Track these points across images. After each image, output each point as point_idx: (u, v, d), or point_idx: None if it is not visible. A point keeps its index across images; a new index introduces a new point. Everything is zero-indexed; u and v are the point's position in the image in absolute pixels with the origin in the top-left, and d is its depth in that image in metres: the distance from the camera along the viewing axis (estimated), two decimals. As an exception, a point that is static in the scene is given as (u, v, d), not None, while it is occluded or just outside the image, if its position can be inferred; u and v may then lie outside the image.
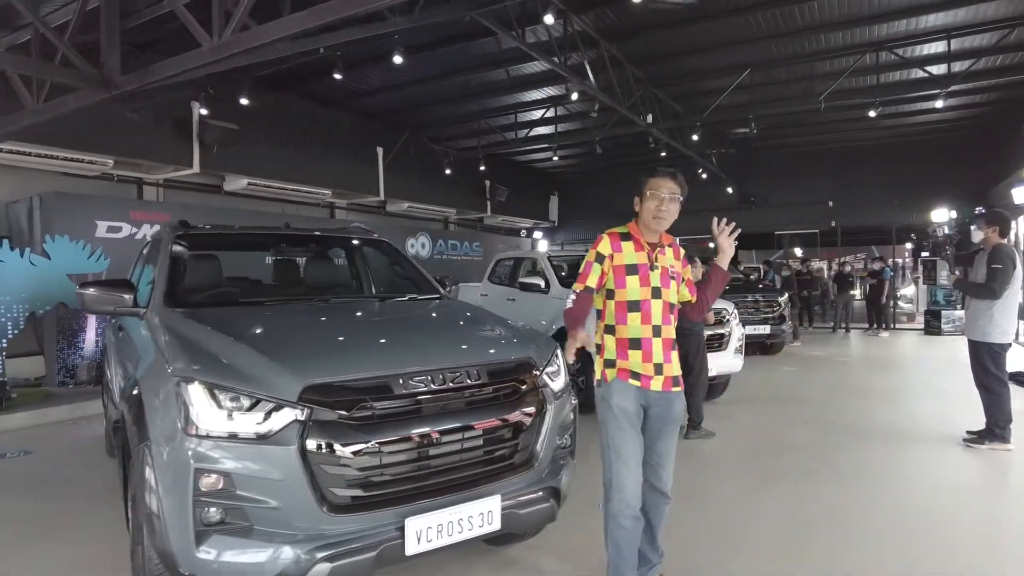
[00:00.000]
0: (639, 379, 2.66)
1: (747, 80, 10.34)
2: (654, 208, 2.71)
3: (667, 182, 2.74)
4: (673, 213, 2.73)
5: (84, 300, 3.26)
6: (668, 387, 2.70)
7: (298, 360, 2.43)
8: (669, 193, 2.72)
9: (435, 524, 2.39)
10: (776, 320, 10.82)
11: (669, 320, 2.72)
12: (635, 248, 2.73)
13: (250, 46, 2.93)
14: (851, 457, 5.18)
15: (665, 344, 2.69)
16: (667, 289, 2.72)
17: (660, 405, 2.70)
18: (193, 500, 2.19)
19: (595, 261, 2.73)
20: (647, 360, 2.66)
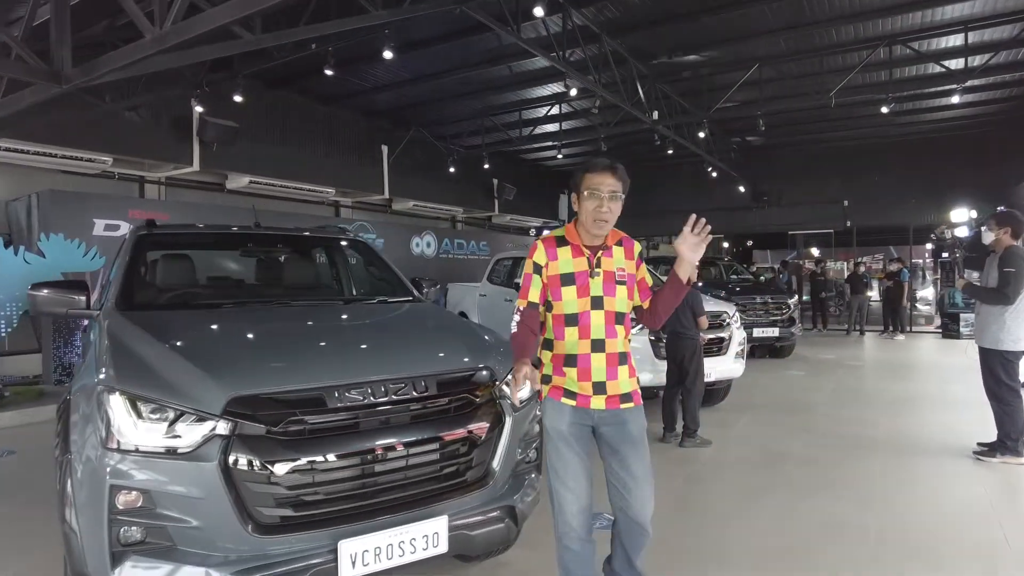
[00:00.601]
0: (574, 398, 2.43)
1: (756, 76, 10.04)
2: (593, 210, 2.37)
3: (606, 178, 2.38)
4: (616, 212, 2.40)
5: (36, 302, 3.15)
6: (615, 405, 2.43)
7: (226, 370, 2.28)
8: (610, 192, 2.36)
9: (372, 547, 2.23)
10: (785, 322, 10.53)
11: (615, 333, 2.43)
12: (573, 254, 2.44)
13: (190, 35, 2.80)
14: (853, 469, 4.94)
15: (609, 360, 2.41)
16: (611, 297, 2.42)
17: (610, 424, 2.44)
18: (109, 519, 2.05)
19: (533, 272, 2.47)
20: (584, 379, 2.41)
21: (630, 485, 2.43)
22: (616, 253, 2.48)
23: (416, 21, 7.84)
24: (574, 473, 2.42)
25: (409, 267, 13.63)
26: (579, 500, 2.43)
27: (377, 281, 4.25)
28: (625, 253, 2.50)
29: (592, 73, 8.93)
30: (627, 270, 2.47)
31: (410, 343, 2.90)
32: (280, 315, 3.17)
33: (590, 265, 2.42)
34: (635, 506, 2.44)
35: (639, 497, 2.44)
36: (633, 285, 2.49)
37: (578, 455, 2.43)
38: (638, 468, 2.44)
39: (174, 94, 8.56)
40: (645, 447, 2.49)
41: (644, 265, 2.58)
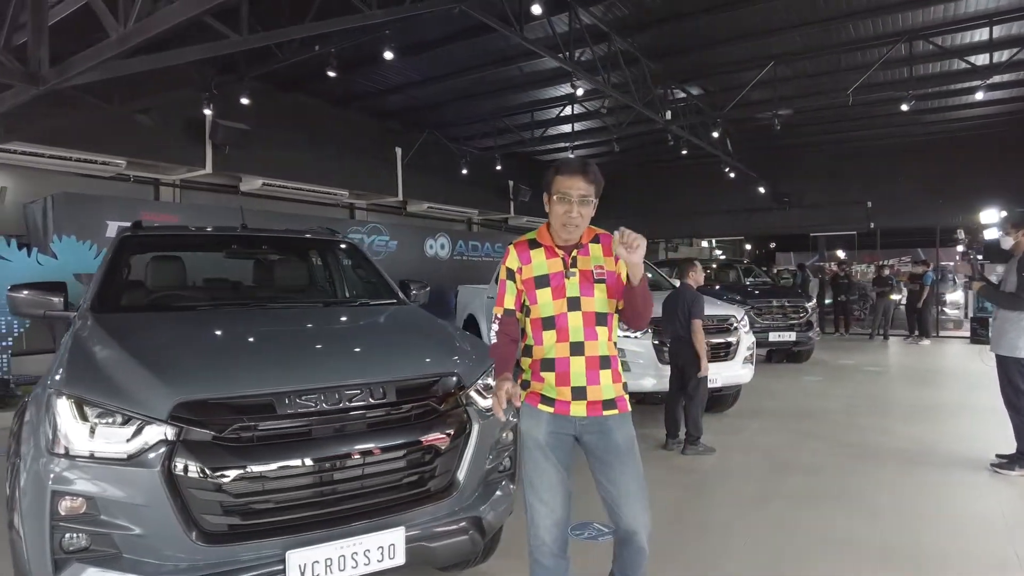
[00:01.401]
0: (552, 404, 2.31)
1: (771, 74, 9.81)
2: (563, 214, 2.25)
3: (577, 181, 2.24)
4: (587, 217, 2.28)
5: (14, 303, 3.14)
6: (597, 412, 2.30)
7: (176, 374, 2.23)
8: (580, 196, 2.23)
9: (323, 558, 2.15)
10: (803, 326, 10.27)
11: (595, 335, 2.30)
12: (547, 255, 2.34)
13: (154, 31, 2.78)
14: (861, 479, 4.74)
15: (589, 363, 2.28)
16: (589, 298, 2.30)
17: (593, 432, 2.31)
18: (51, 525, 2.01)
19: (507, 279, 2.38)
20: (562, 383, 2.29)
21: (619, 500, 2.31)
22: (593, 250, 2.35)
23: (424, 21, 7.81)
24: (549, 485, 2.31)
25: (423, 269, 13.61)
26: (553, 514, 2.31)
27: (363, 283, 4.19)
28: (603, 250, 2.35)
29: (601, 73, 8.80)
30: (606, 267, 2.33)
31: (373, 348, 2.83)
32: (250, 318, 3.11)
33: (565, 265, 2.31)
34: (626, 520, 2.31)
35: (630, 512, 2.30)
36: (614, 283, 2.33)
37: (554, 466, 2.31)
38: (627, 481, 2.30)
39: (185, 96, 8.63)
40: (634, 457, 2.33)
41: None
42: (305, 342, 2.75)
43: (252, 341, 2.70)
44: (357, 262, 4.26)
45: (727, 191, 16.66)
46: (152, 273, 3.84)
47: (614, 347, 2.38)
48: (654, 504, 2.48)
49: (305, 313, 3.34)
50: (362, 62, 9.24)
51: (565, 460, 2.35)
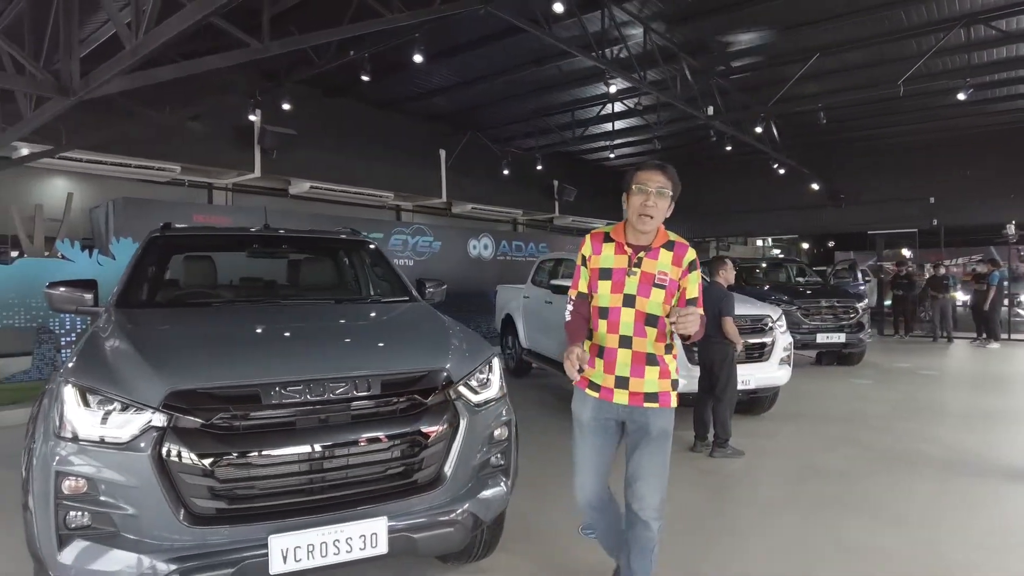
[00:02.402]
0: (597, 390, 2.52)
1: (816, 66, 9.47)
2: (639, 204, 2.42)
3: (656, 175, 2.44)
4: (662, 210, 2.45)
5: (51, 299, 3.37)
6: (638, 403, 2.48)
7: (170, 365, 2.36)
8: (657, 188, 2.42)
9: (305, 543, 2.24)
10: (853, 327, 9.86)
11: (644, 332, 2.45)
12: (615, 251, 2.51)
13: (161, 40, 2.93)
14: (893, 487, 4.54)
15: (636, 358, 2.46)
16: (644, 298, 2.44)
17: (634, 420, 2.52)
18: (56, 503, 2.16)
19: (581, 264, 2.60)
20: (609, 371, 2.49)
21: (636, 476, 2.50)
22: (662, 256, 2.48)
23: (461, 23, 7.90)
24: (581, 465, 2.59)
25: (466, 269, 13.78)
26: (583, 491, 2.60)
27: (380, 282, 4.29)
28: (673, 259, 2.48)
29: (636, 70, 8.70)
30: (670, 275, 2.46)
31: (364, 343, 2.90)
32: (257, 314, 3.25)
33: (629, 263, 2.47)
34: (638, 496, 2.48)
35: (642, 489, 2.48)
36: (675, 291, 2.47)
37: (592, 447, 2.56)
38: (648, 462, 2.49)
39: (234, 104, 9.02)
40: (661, 446, 2.51)
41: (695, 275, 2.50)
42: (300, 337, 2.85)
43: (249, 335, 2.82)
44: (375, 261, 4.37)
45: (778, 188, 16.17)
46: (182, 271, 4.07)
47: (664, 348, 2.51)
48: (672, 503, 2.62)
49: (313, 310, 3.46)
50: (404, 66, 9.41)
51: (602, 445, 2.57)
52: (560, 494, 4.48)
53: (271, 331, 2.88)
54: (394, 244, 12.50)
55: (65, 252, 7.88)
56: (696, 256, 2.55)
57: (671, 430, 2.54)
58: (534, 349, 8.66)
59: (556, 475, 4.93)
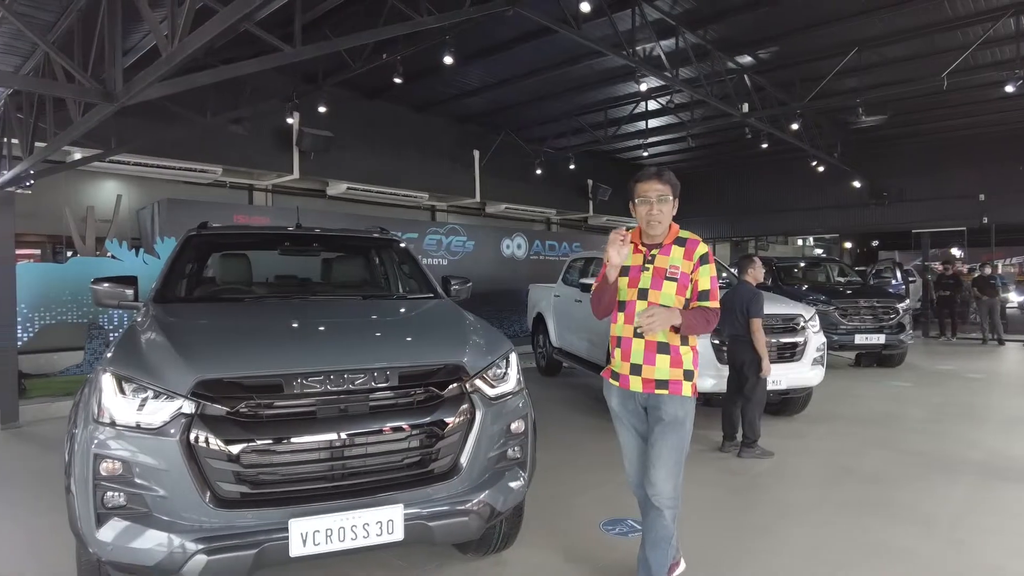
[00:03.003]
0: (618, 379, 2.77)
1: (855, 61, 9.24)
2: (645, 213, 2.68)
3: (653, 184, 2.68)
4: (667, 213, 2.69)
5: (96, 295, 3.55)
6: (650, 389, 2.68)
7: (199, 355, 2.48)
8: (658, 195, 2.66)
9: (323, 528, 2.33)
10: (893, 328, 9.60)
11: None
12: (633, 251, 2.74)
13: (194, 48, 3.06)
14: (925, 491, 4.44)
15: (648, 346, 2.67)
16: (657, 291, 2.67)
17: (651, 405, 2.74)
18: (94, 484, 2.30)
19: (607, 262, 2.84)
20: (624, 359, 2.72)
21: (650, 462, 2.69)
22: (674, 252, 2.70)
23: (492, 24, 7.97)
24: (627, 446, 2.87)
25: (499, 268, 13.86)
26: (631, 464, 2.87)
27: (407, 279, 4.40)
28: (685, 253, 2.70)
29: (668, 68, 8.64)
30: (681, 268, 2.68)
31: (384, 337, 3.00)
32: (285, 309, 3.38)
33: (644, 259, 2.72)
34: (651, 482, 2.66)
35: (654, 475, 2.66)
36: (687, 284, 2.68)
37: (628, 430, 2.83)
38: (660, 448, 2.66)
39: (273, 107, 9.29)
40: (674, 433, 2.66)
41: (706, 268, 2.70)
42: (323, 330, 2.96)
43: (275, 328, 2.94)
44: (402, 259, 4.48)
45: (819, 187, 15.81)
46: (218, 268, 4.24)
47: (679, 339, 2.69)
48: (694, 503, 2.78)
49: (339, 305, 3.58)
50: (439, 68, 9.52)
51: (638, 425, 2.81)
52: (583, 490, 4.52)
53: (296, 325, 2.99)
54: (428, 244, 12.65)
55: (114, 251, 8.25)
56: (708, 250, 2.74)
57: (684, 419, 2.68)
58: (564, 348, 8.69)
59: (579, 471, 4.97)
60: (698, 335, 2.76)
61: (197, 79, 4.00)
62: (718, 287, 2.76)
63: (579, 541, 3.67)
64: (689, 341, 2.73)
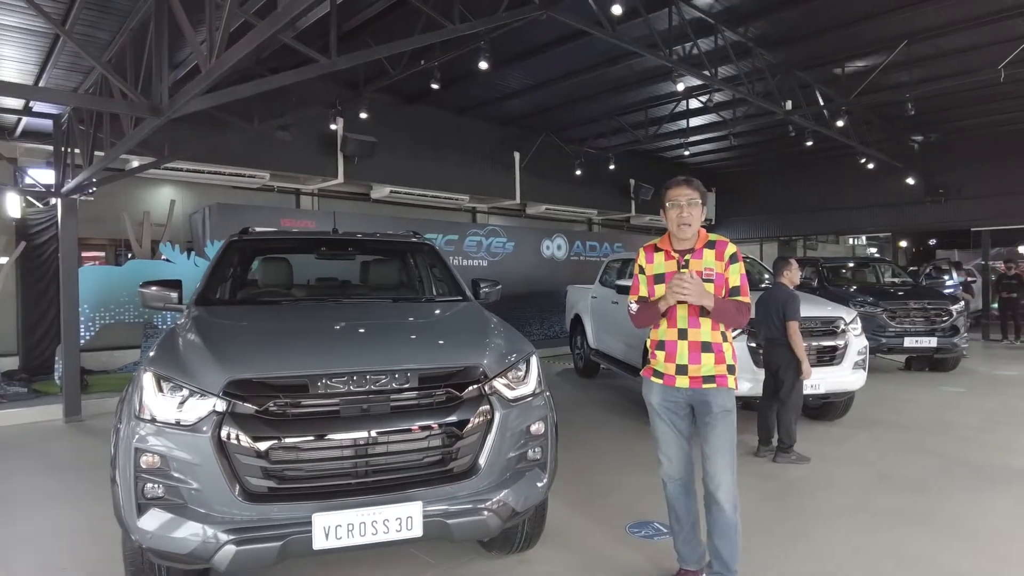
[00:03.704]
0: (661, 377, 2.90)
1: (904, 54, 8.92)
2: (676, 217, 2.81)
3: (683, 190, 2.82)
4: (696, 217, 2.81)
5: (143, 297, 3.76)
6: (697, 385, 2.82)
7: (231, 356, 2.62)
8: (688, 200, 2.80)
9: (345, 523, 2.44)
10: (946, 331, 9.23)
11: (698, 323, 2.82)
12: (665, 258, 2.90)
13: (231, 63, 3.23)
14: (970, 502, 4.29)
15: (692, 347, 2.81)
16: None
17: (696, 401, 2.86)
18: (135, 476, 2.46)
19: (639, 273, 3.00)
20: (669, 360, 2.86)
21: (706, 454, 2.82)
22: (706, 255, 2.84)
23: (531, 27, 8.02)
24: (666, 441, 2.96)
25: (539, 270, 13.93)
26: (673, 466, 2.96)
27: (438, 282, 4.50)
28: (716, 255, 2.84)
29: (707, 67, 8.53)
30: (715, 270, 2.82)
31: (406, 339, 3.09)
32: (318, 312, 3.52)
33: (678, 265, 2.84)
34: (710, 474, 2.80)
35: (711, 466, 2.80)
36: (722, 284, 2.82)
37: (669, 427, 2.93)
38: (714, 439, 2.80)
39: (317, 113, 9.56)
40: (724, 423, 2.81)
41: (736, 266, 2.84)
42: (349, 333, 3.08)
43: (304, 330, 3.08)
44: (433, 262, 4.58)
45: (871, 184, 15.30)
46: (260, 271, 4.44)
47: (720, 335, 2.84)
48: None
49: (369, 308, 3.70)
50: (478, 72, 9.59)
51: (680, 423, 2.93)
52: (611, 492, 4.54)
53: (325, 327, 3.12)
54: (468, 245, 12.81)
55: (167, 254, 8.66)
56: (736, 250, 2.88)
57: (733, 410, 2.84)
58: (601, 349, 8.68)
59: (609, 473, 4.98)
60: (728, 327, 2.86)
61: (238, 91, 4.19)
62: (747, 284, 2.87)
63: (605, 543, 3.70)
64: (728, 339, 2.87)
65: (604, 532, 3.84)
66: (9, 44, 6.06)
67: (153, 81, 3.89)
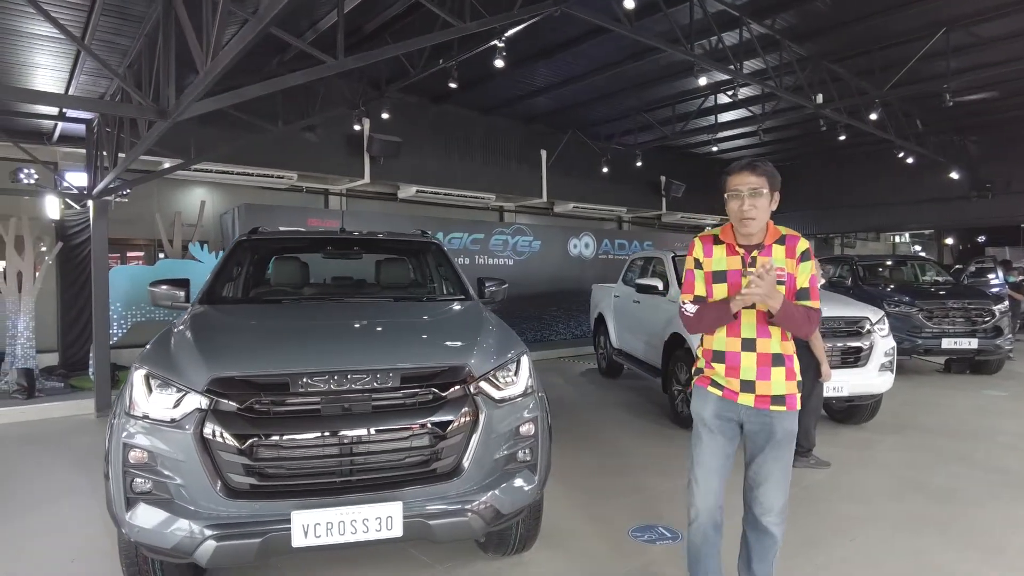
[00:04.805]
0: (721, 389, 2.50)
1: (942, 43, 8.55)
2: (737, 209, 2.41)
3: (745, 177, 2.40)
4: (763, 208, 2.40)
5: (153, 296, 3.85)
6: (764, 405, 2.43)
7: (216, 354, 2.65)
8: (750, 189, 2.38)
9: (324, 521, 2.43)
10: (988, 332, 8.82)
11: (767, 333, 2.42)
12: (727, 252, 2.48)
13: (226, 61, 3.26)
14: (1002, 512, 4.07)
15: (761, 360, 2.41)
16: None
17: (754, 422, 2.47)
18: (124, 471, 2.50)
19: (694, 268, 2.57)
20: (732, 375, 2.46)
21: (760, 481, 2.48)
22: (776, 252, 2.43)
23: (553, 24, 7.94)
24: (709, 464, 2.52)
25: (567, 268, 13.83)
26: (711, 497, 2.53)
27: (443, 281, 4.49)
28: (786, 252, 2.44)
29: (731, 61, 8.33)
30: (787, 269, 2.42)
31: (395, 339, 3.07)
32: (312, 311, 3.54)
33: (744, 264, 2.44)
34: (760, 502, 2.48)
35: (765, 494, 2.47)
36: (790, 285, 2.42)
37: (718, 446, 2.51)
38: (772, 467, 2.46)
39: (343, 114, 9.67)
40: (786, 450, 2.48)
41: (807, 265, 2.43)
42: (335, 332, 3.08)
43: (292, 329, 3.09)
44: (439, 261, 4.57)
45: (912, 179, 14.75)
46: (272, 271, 4.50)
47: (790, 346, 2.46)
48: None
49: (365, 308, 3.70)
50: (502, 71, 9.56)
51: (729, 446, 2.53)
52: (618, 495, 4.46)
53: (314, 326, 3.13)
54: (494, 244, 12.79)
55: (195, 253, 8.88)
56: (809, 247, 2.47)
57: (796, 432, 2.51)
58: (624, 349, 8.57)
59: (620, 475, 4.90)
60: (793, 333, 2.43)
61: (243, 93, 4.25)
62: (817, 286, 2.47)
63: (606, 546, 3.63)
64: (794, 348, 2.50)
65: (606, 535, 3.77)
66: (41, 52, 6.30)
67: (161, 84, 3.99)
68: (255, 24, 2.95)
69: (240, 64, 3.67)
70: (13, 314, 7.94)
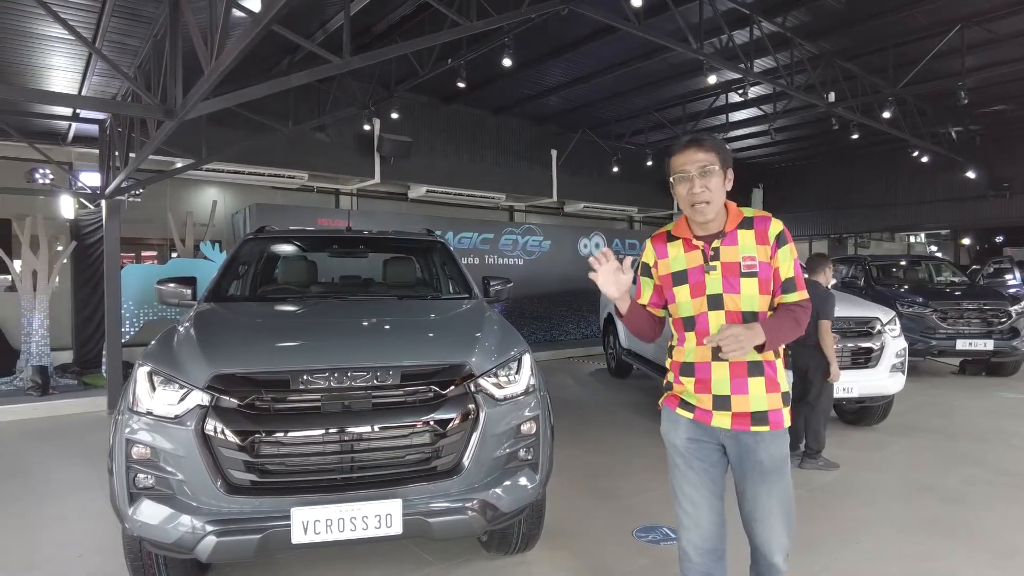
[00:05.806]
0: (692, 410, 2.12)
1: (956, 40, 8.44)
2: (686, 193, 2.03)
3: (692, 154, 2.03)
4: (716, 190, 2.02)
5: (159, 294, 3.88)
6: (744, 426, 2.04)
7: (217, 351, 2.67)
8: (699, 168, 2.00)
9: (324, 518, 2.44)
10: (1005, 333, 8.69)
11: None
12: (684, 248, 2.11)
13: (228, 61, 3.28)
14: (1013, 516, 4.00)
15: (735, 370, 2.02)
16: (734, 295, 2.03)
17: (735, 447, 2.10)
18: (127, 466, 2.53)
19: (642, 275, 2.23)
20: (702, 391, 2.07)
21: (755, 516, 2.10)
22: (742, 239, 2.05)
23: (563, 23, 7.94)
24: (690, 498, 2.15)
25: (576, 268, 13.79)
26: (697, 528, 2.15)
27: (448, 279, 4.50)
28: (757, 237, 2.05)
29: (742, 60, 8.27)
30: (759, 257, 2.03)
31: (396, 337, 3.07)
32: (315, 309, 3.55)
33: (705, 258, 2.06)
34: (759, 540, 2.12)
35: (763, 533, 2.10)
36: (770, 276, 2.05)
37: (697, 476, 2.14)
38: (765, 501, 2.07)
39: (353, 114, 9.71)
40: (781, 478, 2.08)
41: (787, 250, 2.07)
42: (336, 329, 3.09)
43: (293, 327, 3.11)
44: (444, 260, 4.58)
45: (929, 178, 14.57)
46: (280, 269, 4.53)
47: (771, 351, 2.04)
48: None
49: (368, 306, 3.71)
50: (513, 70, 9.57)
51: (711, 472, 2.15)
52: (623, 495, 4.44)
53: (315, 324, 3.15)
54: (504, 244, 12.79)
55: (206, 252, 8.96)
56: (783, 227, 2.08)
57: (788, 454, 2.11)
58: (633, 349, 8.53)
59: (624, 476, 4.88)
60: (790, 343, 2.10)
61: (247, 93, 4.29)
62: (802, 272, 2.11)
63: (609, 546, 3.62)
64: (780, 353, 2.10)
65: (610, 535, 3.76)
66: (55, 54, 6.39)
67: (168, 84, 4.04)
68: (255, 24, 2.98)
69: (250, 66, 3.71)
70: (28, 312, 8.06)
